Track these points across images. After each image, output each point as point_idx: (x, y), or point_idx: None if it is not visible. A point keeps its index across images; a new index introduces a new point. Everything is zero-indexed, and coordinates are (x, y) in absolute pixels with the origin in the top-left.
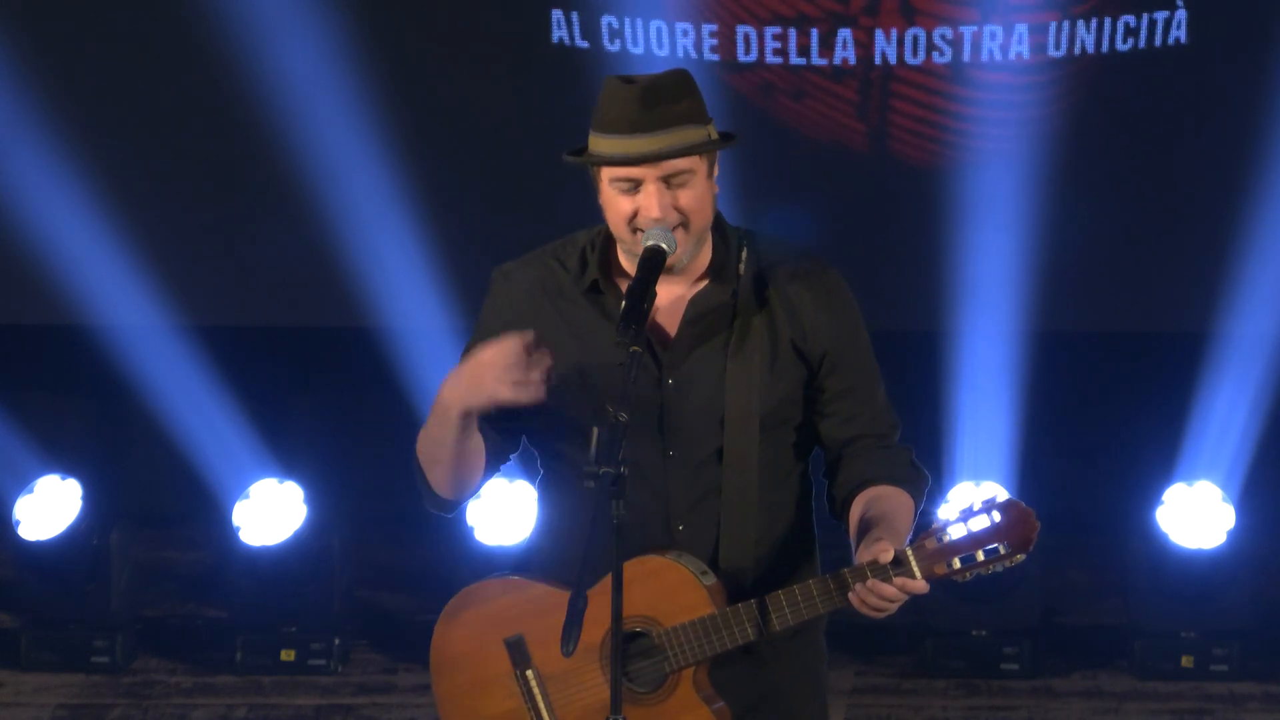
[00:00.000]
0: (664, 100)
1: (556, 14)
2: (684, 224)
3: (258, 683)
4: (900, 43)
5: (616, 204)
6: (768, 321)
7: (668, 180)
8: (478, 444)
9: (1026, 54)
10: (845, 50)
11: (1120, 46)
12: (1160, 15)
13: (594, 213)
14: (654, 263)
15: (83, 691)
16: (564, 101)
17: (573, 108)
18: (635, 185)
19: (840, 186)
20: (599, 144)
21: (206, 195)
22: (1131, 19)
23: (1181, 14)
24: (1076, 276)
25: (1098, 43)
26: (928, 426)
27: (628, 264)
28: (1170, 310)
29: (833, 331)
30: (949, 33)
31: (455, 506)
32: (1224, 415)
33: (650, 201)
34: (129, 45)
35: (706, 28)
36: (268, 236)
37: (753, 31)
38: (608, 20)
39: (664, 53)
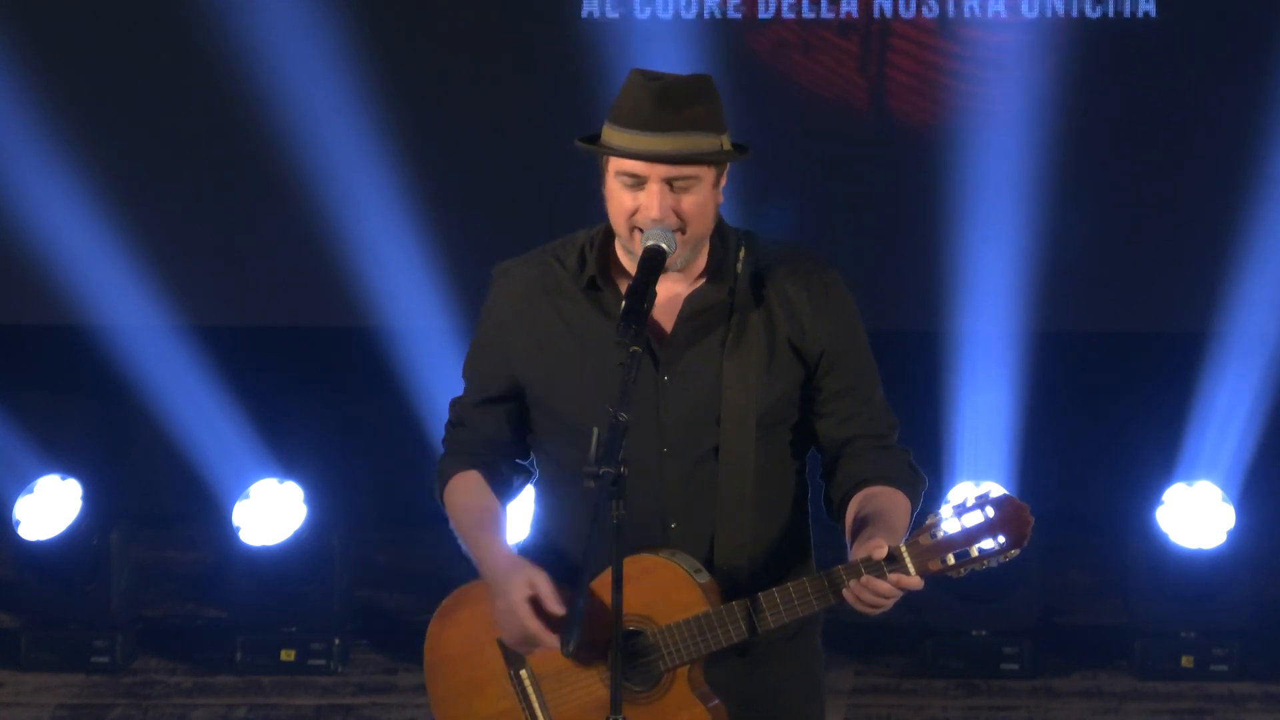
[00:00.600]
0: (681, 103)
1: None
2: (681, 229)
3: (258, 683)
4: None
5: (619, 198)
6: (765, 321)
7: (671, 183)
8: (497, 512)
9: (1003, 13)
10: (849, 4)
11: (1090, 14)
12: None
13: (594, 212)
14: (654, 263)
15: (83, 691)
16: (564, 102)
17: (597, 85)
18: (639, 182)
19: (842, 146)
20: (610, 135)
21: (206, 195)
22: None
23: None
24: (1076, 276)
25: (1067, 7)
26: (928, 426)
27: (625, 260)
28: (1170, 310)
29: (830, 331)
30: None
31: None
32: (1224, 415)
33: (651, 201)
34: (129, 45)
35: None
36: (268, 236)
37: None
38: None
39: (691, 14)
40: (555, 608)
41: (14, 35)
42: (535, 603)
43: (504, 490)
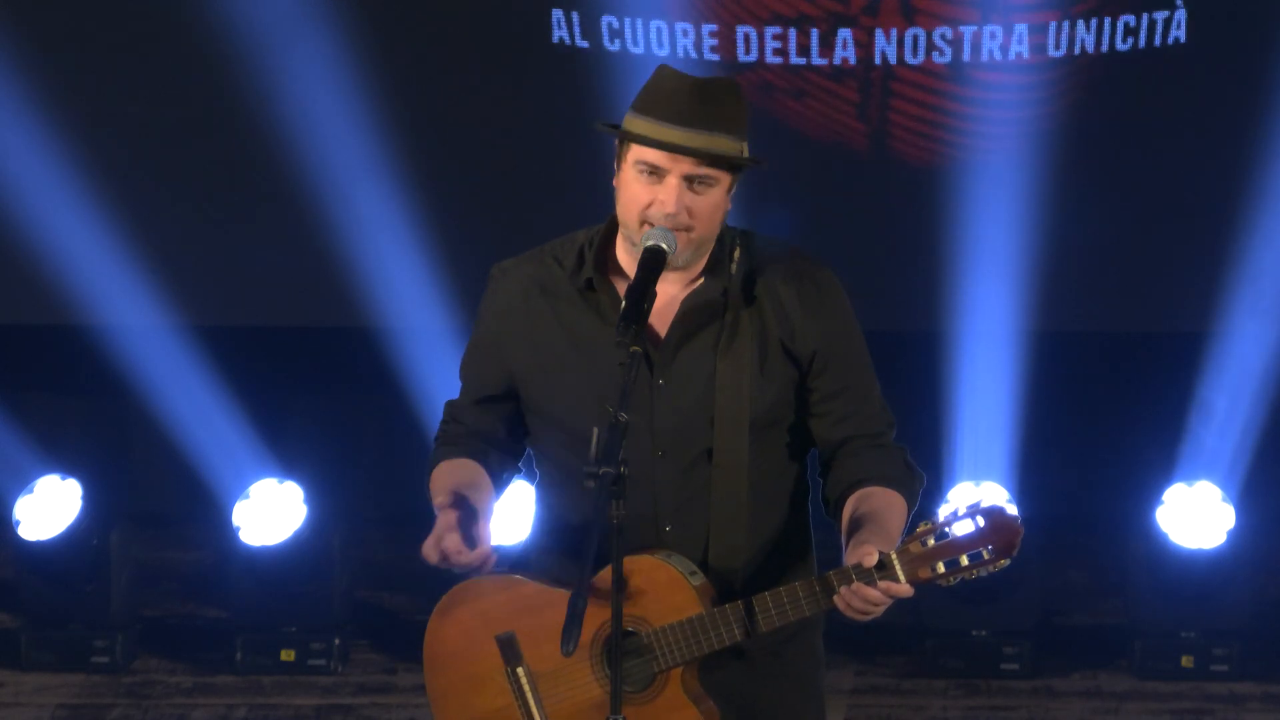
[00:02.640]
0: (714, 102)
1: (557, 13)
2: (689, 229)
3: (258, 683)
4: (900, 42)
5: (634, 188)
6: (757, 322)
7: (690, 180)
8: (486, 486)
9: (1026, 54)
10: (845, 50)
11: (1120, 46)
12: (1160, 15)
13: (593, 214)
14: (653, 263)
15: (83, 691)
16: (564, 101)
17: (572, 106)
18: (658, 175)
19: (840, 187)
20: (636, 124)
21: (207, 195)
22: (1131, 18)
23: (1181, 14)
24: (1076, 276)
25: (1098, 43)
26: (928, 426)
27: (625, 256)
28: (1170, 310)
29: (822, 332)
30: (949, 32)
31: None
32: (1224, 415)
33: (669, 196)
34: (130, 45)
35: (706, 27)
36: (268, 237)
37: (753, 31)
38: (608, 20)
39: (664, 52)
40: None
41: (14, 35)
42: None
43: (492, 481)
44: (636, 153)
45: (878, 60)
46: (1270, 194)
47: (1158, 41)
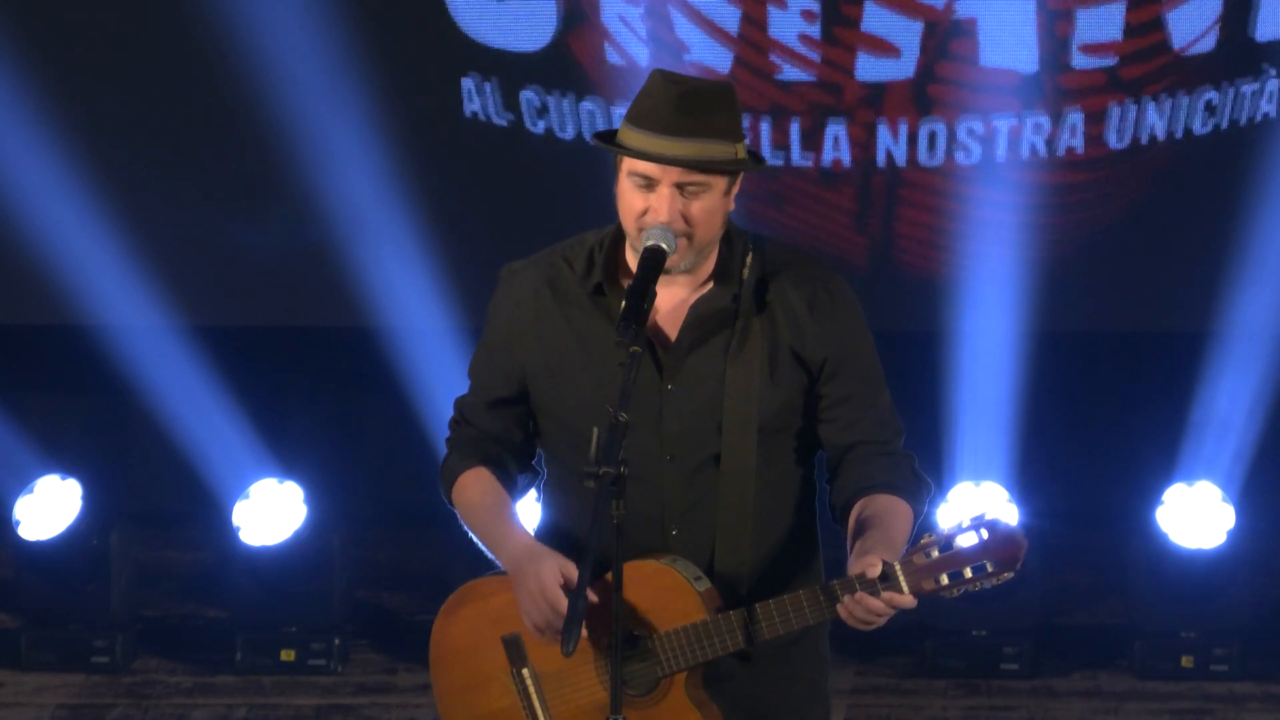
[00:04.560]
0: (700, 109)
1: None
2: (688, 234)
3: (258, 683)
4: (912, 140)
5: (629, 198)
6: (768, 327)
7: (682, 187)
8: (509, 501)
9: (1080, 148)
10: (838, 150)
11: (1199, 130)
12: (1248, 88)
13: (597, 213)
14: (653, 263)
15: (83, 691)
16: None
17: (598, 84)
18: (650, 184)
19: None
20: (627, 135)
21: (206, 195)
22: (1214, 94)
23: (1275, 83)
24: (1076, 276)
25: (1170, 128)
26: (928, 426)
27: (634, 261)
28: (1170, 310)
29: (833, 338)
30: (978, 126)
31: None
32: (1224, 415)
33: (661, 205)
34: (130, 45)
35: None
36: (267, 237)
37: None
38: (527, 96)
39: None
40: (590, 596)
41: (14, 34)
42: (567, 590)
43: (510, 488)
44: (629, 164)
45: (880, 162)
46: (1271, 194)
47: (1243, 120)
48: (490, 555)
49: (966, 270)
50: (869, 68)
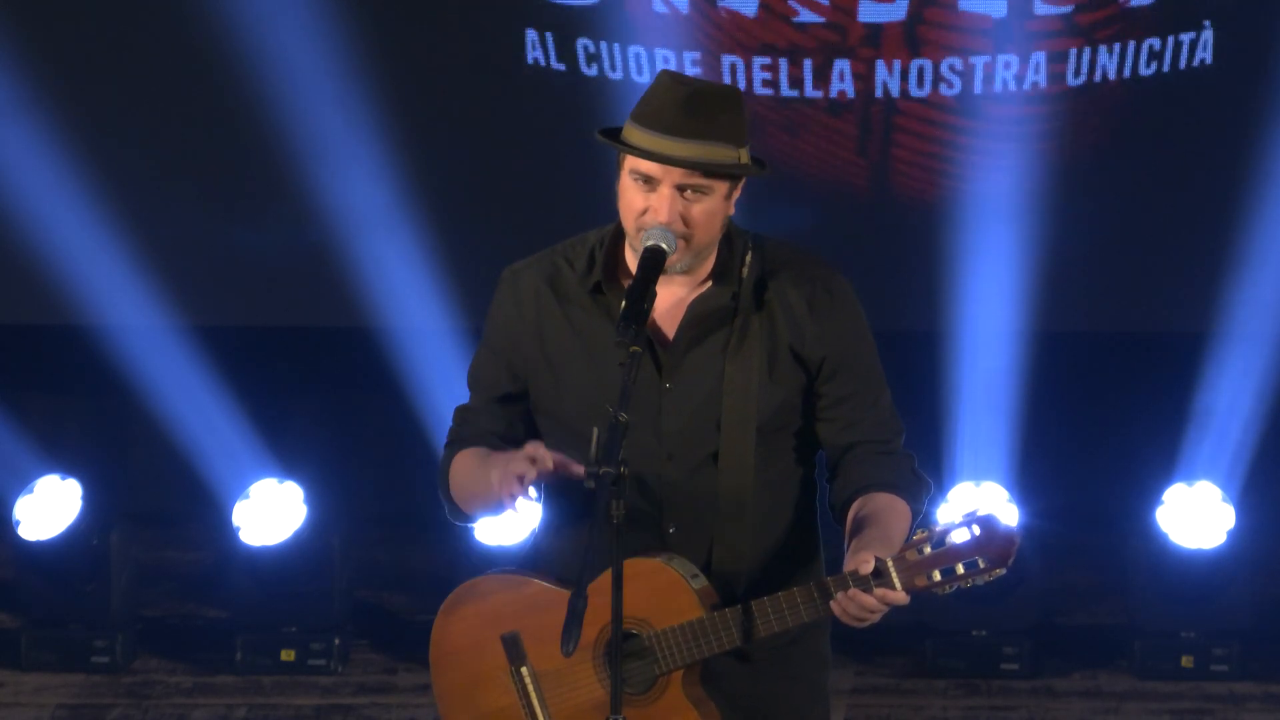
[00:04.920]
0: (705, 112)
1: (532, 34)
2: (687, 236)
3: (258, 683)
4: (904, 75)
5: (629, 196)
6: (768, 326)
7: (683, 189)
8: None
9: (1044, 83)
10: (843, 83)
11: (1144, 71)
12: (1186, 37)
13: (596, 213)
14: (653, 262)
15: (83, 691)
16: (543, 117)
17: (597, 84)
18: (651, 183)
19: (839, 226)
20: (631, 133)
21: (206, 195)
22: (1156, 42)
23: (1209, 34)
24: (1076, 276)
25: (1119, 68)
26: (928, 426)
27: (634, 261)
28: (1170, 310)
29: (832, 338)
30: (958, 63)
31: (477, 519)
32: (1224, 415)
33: (661, 205)
34: (130, 45)
35: (688, 55)
36: (267, 237)
37: (740, 62)
38: (583, 43)
39: (644, 79)
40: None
41: (13, 34)
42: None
43: None
44: (631, 162)
45: (878, 93)
46: (1271, 194)
47: (1183, 64)
48: (483, 501)
49: (956, 192)
50: (868, 11)
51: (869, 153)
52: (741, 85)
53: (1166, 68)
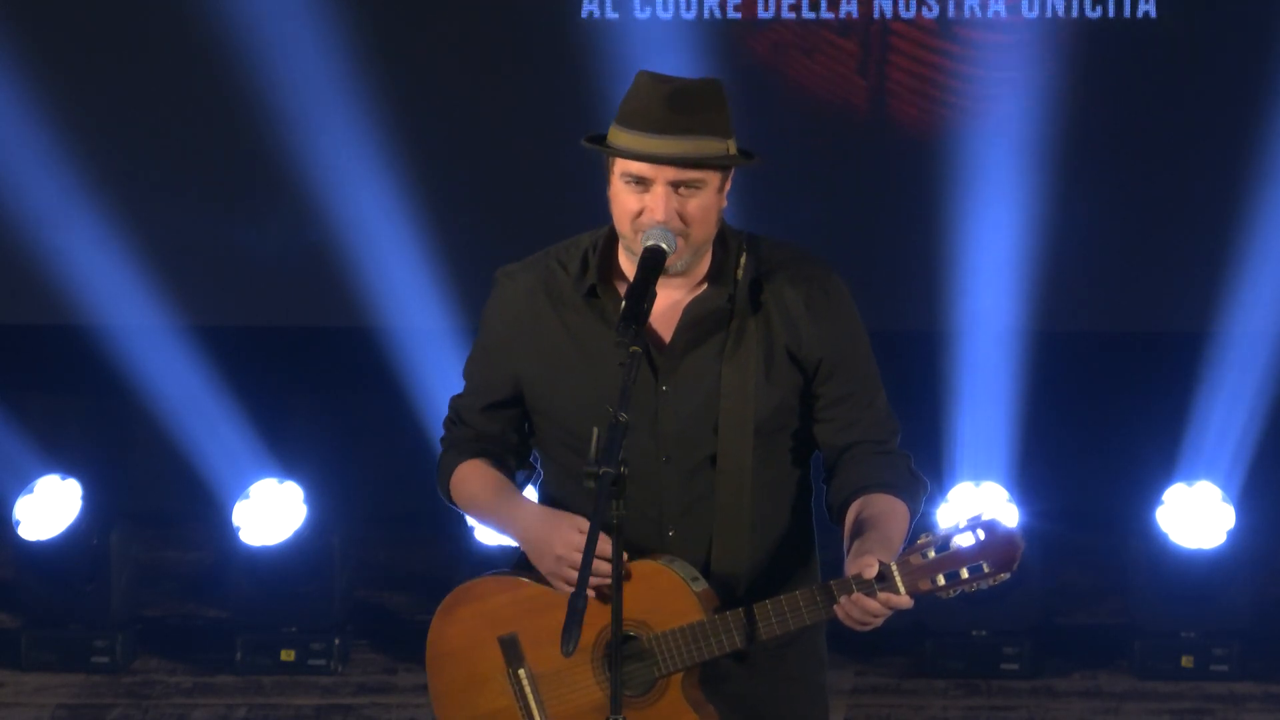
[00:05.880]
0: (690, 107)
1: None
2: (685, 233)
3: (258, 683)
4: None
5: (623, 199)
6: (764, 327)
7: (677, 186)
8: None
9: (1003, 13)
10: (849, 4)
11: (1090, 13)
12: None
13: (597, 214)
14: (653, 262)
15: (83, 691)
16: (585, 83)
17: (598, 85)
18: (644, 185)
19: (841, 154)
20: (618, 136)
21: (206, 195)
22: None
23: None
24: (1076, 276)
25: (1068, 8)
26: (928, 426)
27: (627, 263)
28: (1170, 310)
29: (829, 338)
30: None
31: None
32: (1224, 415)
33: (657, 204)
34: (130, 45)
35: None
36: (268, 236)
37: None
38: None
39: (691, 15)
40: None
41: (14, 34)
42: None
43: (510, 478)
44: (621, 165)
45: (876, 13)
46: (1271, 194)
47: (1126, 13)
48: (502, 533)
49: (938, 117)
50: None
51: (869, 73)
52: (771, 10)
53: (1111, 13)
